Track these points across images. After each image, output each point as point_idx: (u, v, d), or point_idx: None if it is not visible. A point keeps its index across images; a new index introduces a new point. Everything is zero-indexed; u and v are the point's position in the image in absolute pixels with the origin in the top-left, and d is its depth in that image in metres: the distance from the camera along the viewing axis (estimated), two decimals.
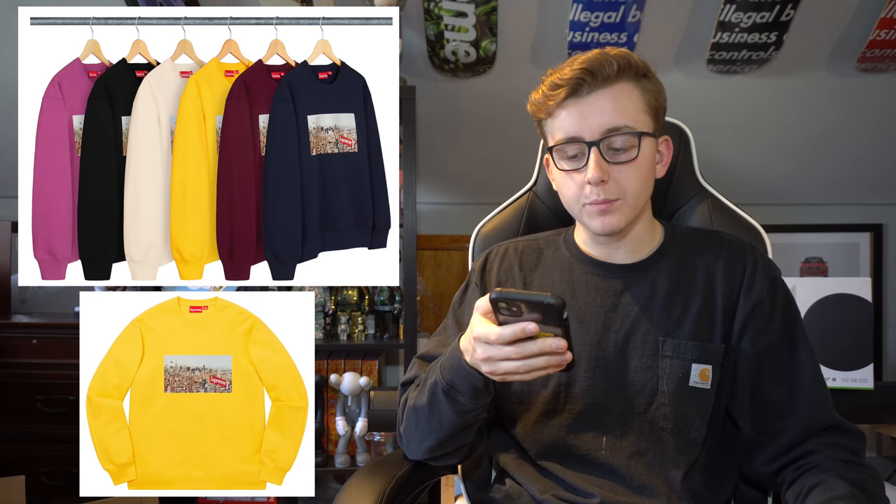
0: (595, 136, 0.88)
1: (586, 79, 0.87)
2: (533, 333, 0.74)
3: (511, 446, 1.00)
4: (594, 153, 0.88)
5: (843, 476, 0.83)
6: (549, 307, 0.72)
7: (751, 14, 1.97)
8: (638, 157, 0.89)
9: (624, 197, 0.90)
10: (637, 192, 0.91)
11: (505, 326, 0.76)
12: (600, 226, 0.91)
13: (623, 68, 0.88)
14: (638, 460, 0.91)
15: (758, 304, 0.93)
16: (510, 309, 0.75)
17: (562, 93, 0.88)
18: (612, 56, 0.88)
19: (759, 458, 0.92)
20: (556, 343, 0.75)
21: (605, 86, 0.88)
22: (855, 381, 1.70)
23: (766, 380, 0.92)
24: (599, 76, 0.87)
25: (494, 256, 1.06)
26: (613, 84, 0.88)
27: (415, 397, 0.94)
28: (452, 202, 2.66)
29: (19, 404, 2.07)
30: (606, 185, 0.89)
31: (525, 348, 0.76)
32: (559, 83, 0.89)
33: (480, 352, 0.79)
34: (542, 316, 0.74)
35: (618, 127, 0.88)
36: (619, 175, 0.89)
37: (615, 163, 0.89)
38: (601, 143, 0.88)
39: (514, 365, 0.77)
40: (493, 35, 2.06)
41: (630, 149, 0.89)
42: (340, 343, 2.11)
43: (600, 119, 0.88)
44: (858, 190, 2.60)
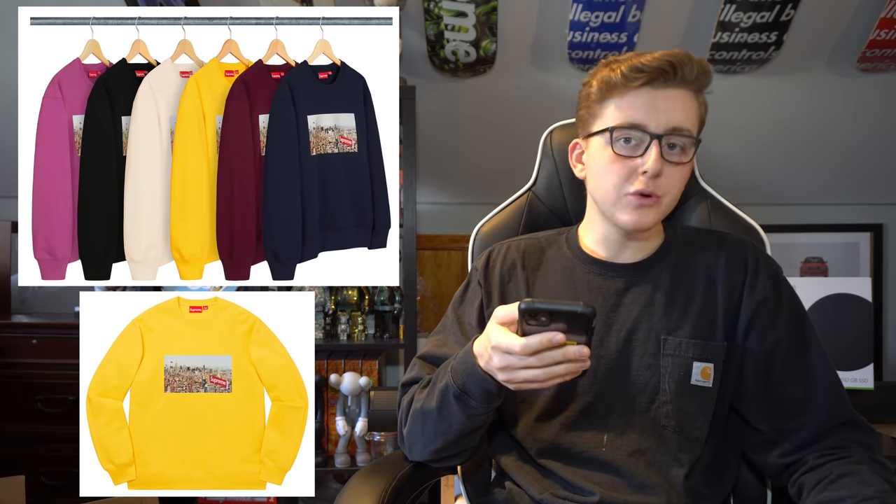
0: (661, 130, 0.89)
1: (669, 70, 0.88)
2: (560, 343, 0.73)
3: (511, 447, 1.00)
4: (656, 146, 0.89)
5: (877, 472, 0.82)
6: (581, 317, 0.71)
7: (751, 14, 1.97)
8: (688, 162, 0.91)
9: (665, 196, 0.91)
10: (676, 195, 0.93)
11: (531, 337, 0.74)
12: (634, 220, 0.91)
13: (699, 76, 0.90)
14: (639, 458, 0.91)
15: (762, 303, 0.93)
16: (538, 319, 0.73)
17: (643, 78, 0.89)
18: (695, 61, 0.89)
19: (776, 452, 0.92)
20: (580, 351, 0.74)
21: (681, 86, 0.90)
22: (855, 381, 1.70)
23: (779, 378, 0.92)
24: (679, 74, 0.89)
25: (497, 255, 1.06)
26: (687, 87, 0.90)
27: (422, 400, 0.93)
28: (452, 202, 2.66)
29: (19, 404, 2.07)
30: (659, 179, 0.90)
31: (548, 357, 0.75)
32: (642, 68, 0.88)
33: (498, 360, 0.78)
34: (569, 325, 0.73)
35: (682, 128, 0.89)
36: (669, 173, 0.90)
37: (670, 161, 0.90)
38: (664, 138, 0.89)
39: (535, 373, 0.76)
40: (493, 35, 2.06)
41: (686, 152, 0.91)
42: (340, 343, 2.11)
43: (670, 115, 0.89)
44: (858, 190, 2.60)
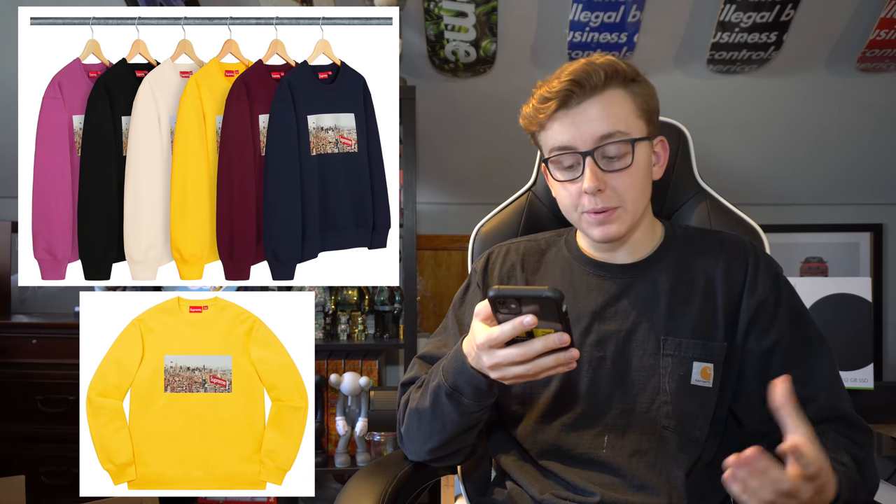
0: (588, 146, 0.89)
1: (575, 90, 0.88)
2: (532, 326, 0.74)
3: (512, 447, 1.00)
4: (589, 162, 0.88)
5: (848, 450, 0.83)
6: (548, 300, 0.71)
7: (751, 14, 1.97)
8: (633, 164, 0.90)
9: (623, 205, 0.91)
10: (636, 199, 0.92)
11: (505, 323, 0.75)
12: (600, 234, 0.92)
13: (610, 76, 0.89)
14: (639, 459, 0.90)
15: (762, 304, 0.93)
16: (509, 307, 0.74)
17: (552, 105, 0.89)
18: (598, 65, 0.88)
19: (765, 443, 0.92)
20: (558, 338, 0.74)
21: (594, 95, 0.89)
22: (855, 381, 1.70)
23: (778, 376, 0.92)
24: (587, 86, 0.88)
25: (496, 257, 1.06)
26: (602, 92, 0.89)
27: (416, 399, 0.94)
28: (452, 202, 2.66)
29: (19, 404, 2.07)
30: (604, 193, 0.89)
31: (529, 348, 0.75)
32: (548, 96, 0.89)
33: (486, 360, 0.78)
34: (542, 310, 0.73)
35: (610, 133, 0.88)
36: (615, 183, 0.90)
37: (611, 171, 0.89)
38: (595, 152, 0.89)
39: (523, 368, 0.77)
40: (493, 35, 2.06)
41: (624, 156, 0.90)
42: (340, 343, 2.11)
43: (592, 128, 0.88)
44: (858, 190, 2.60)
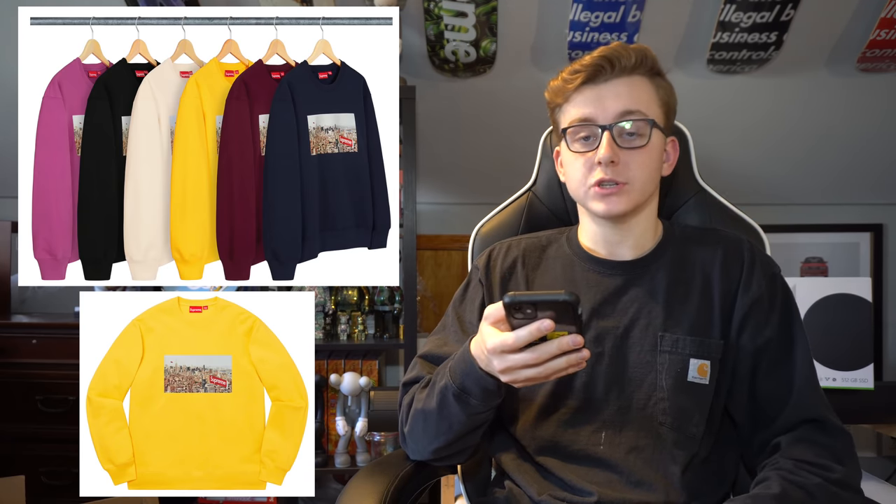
0: (609, 120, 0.91)
1: (605, 65, 0.91)
2: (549, 331, 0.73)
3: (510, 445, 1.00)
4: (606, 135, 0.91)
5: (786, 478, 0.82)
6: (564, 304, 0.71)
7: (751, 14, 1.97)
8: (648, 145, 0.92)
9: (632, 182, 0.92)
10: (644, 180, 0.93)
11: (520, 329, 0.74)
12: (605, 208, 0.93)
13: (640, 62, 0.92)
14: (637, 455, 0.91)
15: (756, 302, 0.94)
16: (524, 311, 0.74)
17: (580, 77, 0.92)
18: (631, 49, 0.92)
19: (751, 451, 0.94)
20: (574, 340, 0.74)
21: (622, 75, 0.92)
22: (855, 381, 1.70)
23: (763, 374, 0.93)
24: (617, 65, 0.91)
25: (497, 254, 1.06)
26: (630, 75, 0.93)
27: (422, 400, 0.94)
28: (452, 202, 2.66)
29: (19, 404, 2.07)
30: (616, 166, 0.91)
31: (543, 351, 0.75)
32: (579, 69, 0.93)
33: (498, 363, 0.78)
34: (556, 314, 0.73)
35: (632, 111, 0.91)
36: (628, 159, 0.92)
37: (626, 147, 0.91)
38: (614, 128, 0.91)
39: (536, 371, 0.77)
40: (493, 35, 2.06)
41: (642, 135, 0.92)
42: (340, 343, 2.11)
43: (615, 103, 0.91)
44: (858, 190, 2.60)
